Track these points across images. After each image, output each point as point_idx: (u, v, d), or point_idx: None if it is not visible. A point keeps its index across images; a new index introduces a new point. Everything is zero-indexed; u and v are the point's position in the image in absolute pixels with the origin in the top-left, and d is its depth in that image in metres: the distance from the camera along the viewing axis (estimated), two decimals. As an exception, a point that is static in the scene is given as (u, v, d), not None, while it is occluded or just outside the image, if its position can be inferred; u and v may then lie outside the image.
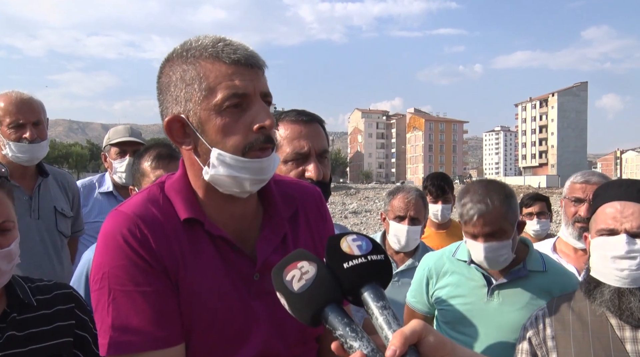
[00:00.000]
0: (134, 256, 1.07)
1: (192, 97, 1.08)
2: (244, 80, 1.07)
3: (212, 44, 1.08)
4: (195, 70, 1.07)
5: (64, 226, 2.82)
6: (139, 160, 2.08)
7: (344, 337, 0.77)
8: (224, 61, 1.07)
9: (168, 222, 1.12)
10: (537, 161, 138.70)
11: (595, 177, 2.45)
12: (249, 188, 1.12)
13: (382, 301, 0.78)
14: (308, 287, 0.80)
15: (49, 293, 1.45)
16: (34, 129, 2.62)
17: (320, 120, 1.84)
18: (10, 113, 2.57)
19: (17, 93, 2.63)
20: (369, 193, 55.57)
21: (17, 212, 2.59)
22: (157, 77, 1.14)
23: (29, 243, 2.62)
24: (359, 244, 0.84)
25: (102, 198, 3.32)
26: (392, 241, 2.86)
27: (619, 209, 1.47)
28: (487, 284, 2.02)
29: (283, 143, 1.74)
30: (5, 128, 2.58)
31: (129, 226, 1.09)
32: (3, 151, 2.63)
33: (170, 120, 1.11)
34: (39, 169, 2.80)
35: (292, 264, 0.83)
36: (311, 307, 0.79)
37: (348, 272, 0.80)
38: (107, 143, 3.37)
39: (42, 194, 2.75)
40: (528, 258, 2.05)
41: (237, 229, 1.18)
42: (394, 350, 0.71)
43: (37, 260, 2.64)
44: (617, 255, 1.44)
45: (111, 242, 1.08)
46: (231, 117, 1.07)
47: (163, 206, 1.14)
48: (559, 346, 1.55)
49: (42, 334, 1.37)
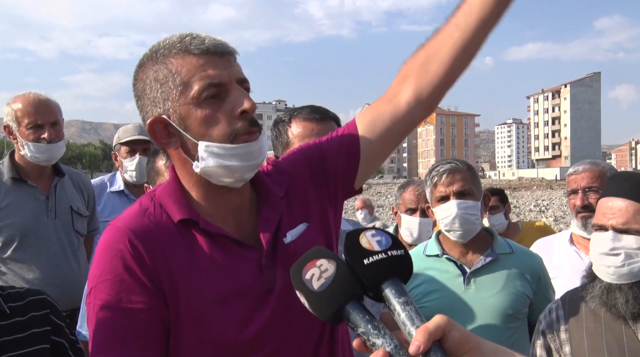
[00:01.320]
0: (123, 272, 1.05)
1: (168, 95, 1.07)
2: (217, 68, 1.06)
3: (179, 40, 1.08)
4: (166, 68, 1.07)
5: (80, 225, 2.86)
6: (154, 159, 2.10)
7: (367, 334, 0.76)
8: (194, 53, 1.06)
9: (162, 231, 1.10)
10: (550, 153, 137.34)
11: (583, 165, 2.49)
12: (243, 176, 1.11)
13: (404, 297, 0.78)
14: (328, 286, 0.79)
15: (21, 300, 1.41)
16: (51, 130, 2.65)
17: (335, 117, 1.82)
18: (28, 114, 2.61)
19: (35, 94, 2.67)
20: (381, 188, 55.50)
21: (34, 212, 2.66)
22: (132, 85, 1.13)
23: (46, 243, 2.67)
24: (379, 239, 0.83)
25: (114, 197, 3.35)
26: (404, 234, 2.88)
27: (609, 205, 1.47)
28: (462, 273, 2.05)
29: (294, 141, 1.73)
30: (24, 129, 2.62)
31: (122, 241, 1.07)
32: (21, 151, 2.66)
33: (151, 122, 1.09)
34: (56, 169, 2.83)
35: (311, 262, 0.82)
36: (332, 305, 0.78)
37: (368, 268, 0.80)
38: (117, 142, 3.39)
39: (59, 193, 2.79)
40: (495, 243, 2.11)
41: (236, 224, 1.16)
42: (418, 346, 0.70)
43: (54, 259, 2.67)
44: (603, 251, 1.45)
45: (102, 256, 1.08)
46: (211, 107, 1.06)
47: (156, 215, 1.12)
48: (572, 338, 1.55)
49: (17, 341, 1.33)
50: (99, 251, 1.10)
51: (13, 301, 1.40)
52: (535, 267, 2.08)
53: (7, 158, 2.73)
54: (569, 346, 1.56)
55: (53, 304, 1.46)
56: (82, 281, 2.15)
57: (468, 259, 2.08)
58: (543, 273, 2.10)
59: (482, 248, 2.08)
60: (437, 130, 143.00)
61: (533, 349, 1.67)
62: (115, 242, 1.08)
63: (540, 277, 2.08)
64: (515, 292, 2.01)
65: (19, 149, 2.68)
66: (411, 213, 2.80)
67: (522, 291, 2.02)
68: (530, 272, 2.05)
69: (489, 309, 1.99)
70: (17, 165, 2.70)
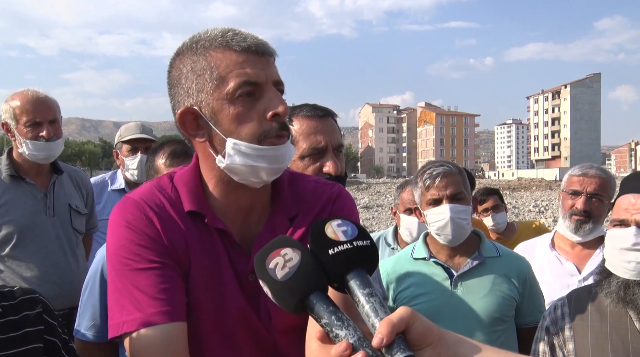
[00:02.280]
0: (137, 236, 1.08)
1: (203, 87, 1.06)
2: (255, 68, 1.06)
3: (221, 34, 1.08)
4: (205, 61, 1.07)
5: (79, 223, 2.85)
6: (153, 157, 2.08)
7: (330, 325, 0.75)
8: (234, 49, 1.06)
9: (175, 210, 1.13)
10: (550, 154, 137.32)
11: (593, 170, 2.38)
12: (266, 178, 1.10)
13: (369, 288, 0.77)
14: (292, 275, 0.77)
15: (14, 299, 1.40)
16: (50, 127, 2.64)
17: (333, 114, 1.83)
18: (27, 111, 2.60)
19: (33, 92, 2.66)
20: (380, 188, 55.52)
21: (32, 209, 2.64)
22: (168, 72, 1.13)
23: (44, 240, 2.67)
24: (344, 229, 0.82)
25: (115, 195, 3.34)
26: (404, 234, 2.87)
27: (632, 201, 1.46)
28: (449, 277, 2.05)
29: (299, 138, 1.73)
30: (22, 126, 2.61)
31: (135, 209, 1.10)
32: (19, 149, 2.66)
33: (182, 112, 1.09)
34: (54, 167, 2.82)
35: (275, 251, 0.81)
36: (295, 295, 0.77)
37: (333, 258, 0.79)
38: (119, 140, 3.38)
39: (57, 191, 2.78)
40: (482, 246, 2.11)
41: (241, 227, 1.16)
42: (381, 338, 0.69)
43: (52, 257, 2.67)
44: (624, 247, 1.43)
45: (116, 225, 1.11)
46: (244, 105, 1.06)
47: (171, 195, 1.14)
48: (576, 336, 1.55)
49: (10, 340, 1.32)
50: (111, 222, 1.12)
51: (6, 300, 1.39)
52: (521, 270, 2.08)
53: (5, 155, 2.72)
54: (573, 343, 1.55)
55: (46, 303, 1.45)
56: (81, 279, 2.14)
57: (455, 262, 2.08)
58: (529, 276, 2.10)
59: (470, 251, 2.08)
60: (436, 130, 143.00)
61: (536, 345, 1.67)
62: (128, 211, 1.11)
63: (527, 280, 2.08)
64: (502, 296, 2.02)
65: (17, 146, 2.67)
66: (410, 213, 2.79)
67: (509, 294, 2.03)
68: (516, 275, 2.06)
69: (476, 312, 1.99)
70: (15, 163, 2.70)
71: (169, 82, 1.13)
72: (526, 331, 2.03)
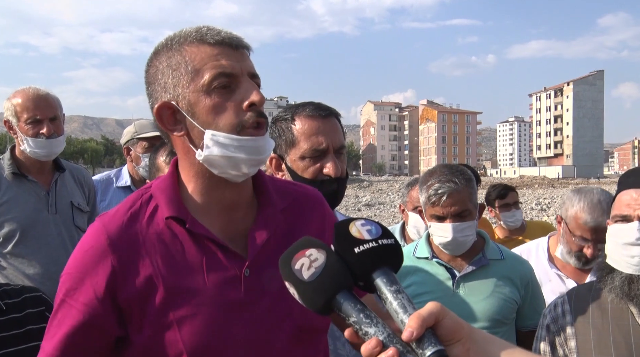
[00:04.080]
0: (84, 270, 1.07)
1: (179, 81, 1.07)
2: (230, 60, 1.07)
3: (195, 30, 1.10)
4: (180, 55, 1.08)
5: (81, 221, 2.85)
6: (154, 155, 2.10)
7: (359, 323, 0.75)
8: (209, 42, 1.07)
9: (148, 228, 1.10)
10: (552, 152, 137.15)
11: (604, 215, 2.08)
12: (246, 170, 1.10)
13: (396, 285, 0.77)
14: (318, 275, 0.78)
15: (17, 297, 1.42)
16: (50, 125, 2.64)
17: (337, 113, 1.81)
18: (27, 109, 2.60)
19: (34, 89, 2.66)
20: (382, 185, 55.55)
21: (35, 207, 2.63)
22: (145, 71, 1.14)
23: (46, 237, 2.67)
24: (369, 228, 0.83)
25: (120, 192, 3.34)
26: (411, 232, 2.85)
27: (634, 197, 1.45)
28: (452, 277, 2.04)
29: (300, 138, 1.70)
30: (23, 124, 2.61)
31: (96, 240, 1.09)
32: (21, 147, 2.66)
33: (159, 107, 1.09)
34: (56, 165, 2.82)
35: (300, 252, 0.81)
36: (323, 295, 0.78)
37: (359, 257, 0.79)
38: (134, 136, 3.35)
39: (59, 189, 2.78)
40: (486, 248, 2.08)
41: (227, 225, 1.14)
42: (411, 332, 0.69)
43: (54, 254, 2.67)
44: (628, 242, 1.43)
45: (76, 249, 1.11)
46: (220, 97, 1.06)
47: (141, 212, 1.12)
48: (578, 334, 1.54)
49: (13, 337, 1.34)
50: (78, 243, 1.13)
51: (9, 298, 1.40)
52: (524, 274, 2.07)
53: (7, 153, 2.72)
54: (575, 340, 1.54)
55: (48, 301, 1.46)
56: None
57: (458, 263, 2.06)
58: (532, 280, 2.10)
59: (473, 253, 2.06)
60: (438, 128, 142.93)
61: (537, 344, 1.66)
62: (90, 240, 1.10)
63: (529, 283, 2.07)
64: (503, 298, 2.01)
65: (19, 144, 2.68)
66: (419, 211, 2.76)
67: (511, 297, 2.02)
68: (519, 278, 2.05)
69: (477, 313, 1.98)
70: (17, 161, 2.70)
71: (146, 80, 1.14)
72: (526, 334, 2.03)
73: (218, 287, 1.09)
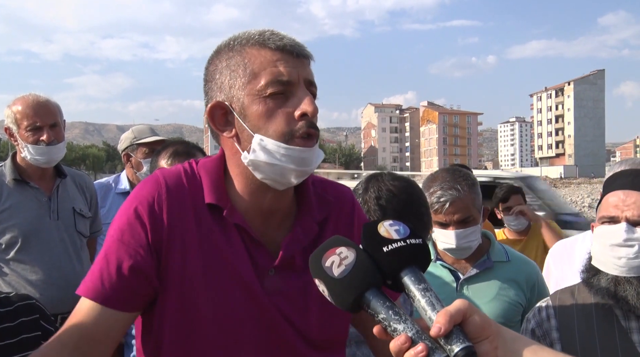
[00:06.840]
0: (135, 220, 1.08)
1: (235, 82, 1.08)
2: (288, 67, 1.06)
3: (258, 33, 1.10)
4: (240, 57, 1.08)
5: (83, 227, 2.85)
6: (156, 158, 2.10)
7: (388, 320, 0.76)
8: (270, 47, 1.07)
9: (195, 198, 1.12)
10: (554, 151, 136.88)
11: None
12: (292, 180, 1.09)
13: (424, 284, 0.79)
14: (349, 272, 0.80)
15: (10, 305, 1.39)
16: (50, 131, 2.65)
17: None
18: (27, 116, 2.61)
19: (34, 96, 2.67)
20: (384, 188, 55.11)
21: (37, 213, 2.65)
22: (205, 68, 1.15)
23: (49, 244, 2.67)
24: (397, 228, 0.84)
25: (119, 198, 3.34)
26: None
27: (621, 198, 1.46)
28: (455, 280, 2.03)
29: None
30: (23, 131, 2.62)
31: (150, 193, 1.11)
32: (22, 154, 2.67)
33: (213, 106, 1.10)
34: (57, 171, 2.83)
35: (331, 250, 0.83)
36: (352, 292, 0.79)
37: (388, 255, 0.81)
38: (134, 142, 3.37)
39: (61, 195, 2.79)
40: (491, 250, 2.06)
41: (262, 226, 1.15)
42: (439, 327, 0.70)
43: (57, 260, 2.67)
44: (615, 243, 1.43)
45: (128, 202, 1.12)
46: (274, 103, 1.06)
47: (197, 183, 1.14)
48: (563, 337, 1.54)
49: (7, 347, 1.32)
50: (134, 190, 1.15)
51: (2, 306, 1.38)
52: (530, 276, 2.05)
53: (9, 160, 2.73)
54: (560, 344, 1.54)
55: (42, 310, 1.45)
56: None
57: (462, 266, 2.05)
58: (539, 282, 2.07)
59: (478, 255, 2.04)
60: (439, 129, 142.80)
61: None
62: (145, 192, 1.11)
63: (535, 285, 2.05)
64: (508, 301, 1.99)
65: (20, 151, 2.68)
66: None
67: (516, 299, 2.00)
68: (525, 281, 2.03)
69: None
70: (19, 167, 2.71)
71: (204, 78, 1.15)
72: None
73: (240, 275, 1.10)
